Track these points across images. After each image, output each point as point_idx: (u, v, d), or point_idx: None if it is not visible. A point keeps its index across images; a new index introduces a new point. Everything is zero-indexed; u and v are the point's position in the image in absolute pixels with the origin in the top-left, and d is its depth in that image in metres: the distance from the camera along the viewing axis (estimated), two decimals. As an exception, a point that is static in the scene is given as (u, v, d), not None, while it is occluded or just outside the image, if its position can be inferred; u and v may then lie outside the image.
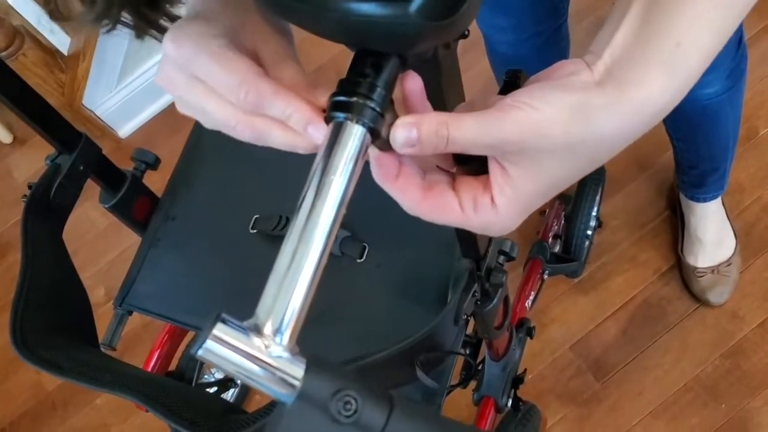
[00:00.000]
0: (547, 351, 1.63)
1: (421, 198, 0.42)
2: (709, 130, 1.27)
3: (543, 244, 1.43)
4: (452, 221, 0.43)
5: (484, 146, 0.39)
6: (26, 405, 1.82)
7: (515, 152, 0.40)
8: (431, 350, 0.72)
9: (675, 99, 0.39)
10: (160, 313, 0.96)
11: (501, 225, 0.43)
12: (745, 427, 1.49)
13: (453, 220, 0.43)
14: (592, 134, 0.39)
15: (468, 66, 1.68)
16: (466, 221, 0.43)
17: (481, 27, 1.19)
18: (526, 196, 0.41)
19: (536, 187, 0.41)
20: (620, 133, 0.39)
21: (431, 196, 0.42)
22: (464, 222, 0.43)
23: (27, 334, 0.70)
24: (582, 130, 0.38)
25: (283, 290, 0.33)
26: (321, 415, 0.31)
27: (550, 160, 0.40)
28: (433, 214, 0.42)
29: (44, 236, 0.80)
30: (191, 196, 1.02)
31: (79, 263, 0.83)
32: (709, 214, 1.54)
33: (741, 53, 1.10)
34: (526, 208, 0.42)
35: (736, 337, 1.56)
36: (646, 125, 0.40)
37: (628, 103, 0.38)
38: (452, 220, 0.43)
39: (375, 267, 0.90)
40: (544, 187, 0.41)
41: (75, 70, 1.77)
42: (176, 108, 0.46)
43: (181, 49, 0.42)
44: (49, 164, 0.87)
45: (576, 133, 0.38)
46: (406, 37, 0.35)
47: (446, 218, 0.43)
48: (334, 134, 0.37)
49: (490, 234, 0.44)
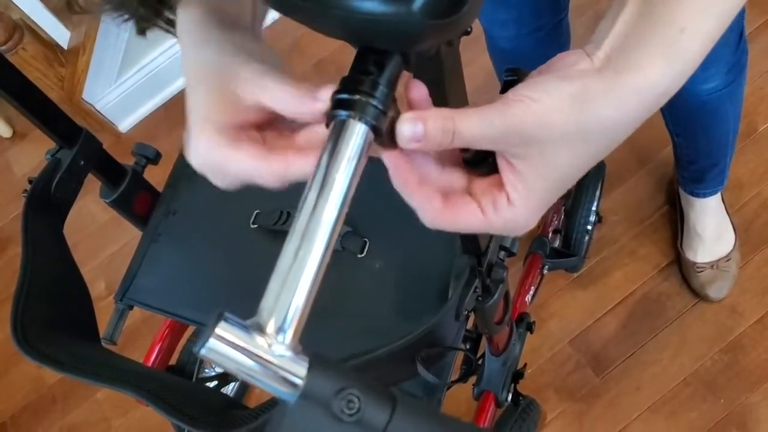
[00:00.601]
0: (546, 346, 1.63)
1: (441, 207, 0.42)
2: (709, 125, 1.27)
3: (543, 239, 1.43)
4: (475, 227, 0.43)
5: (489, 140, 0.39)
6: (27, 399, 1.82)
7: (520, 145, 0.40)
8: (432, 346, 0.72)
9: (675, 84, 0.39)
10: (160, 308, 0.96)
11: (521, 222, 0.43)
12: (743, 422, 1.50)
13: (476, 225, 0.43)
14: (593, 121, 0.39)
15: (468, 61, 1.68)
16: (488, 225, 0.42)
17: (483, 22, 1.18)
18: (539, 191, 0.41)
19: (546, 181, 0.41)
20: (621, 119, 0.39)
21: (451, 204, 0.42)
22: (487, 225, 0.42)
23: (28, 329, 0.70)
24: (582, 117, 0.39)
25: (285, 289, 0.33)
26: (324, 414, 0.31)
27: (556, 150, 0.40)
28: (456, 222, 0.42)
29: (45, 231, 0.80)
30: (192, 190, 1.02)
31: (80, 257, 0.84)
32: (708, 209, 1.54)
33: (742, 48, 1.10)
34: (542, 203, 0.42)
35: (735, 332, 1.57)
36: (646, 110, 0.40)
37: (627, 87, 0.38)
38: (475, 225, 0.43)
39: (376, 262, 0.91)
40: (555, 180, 0.41)
41: (75, 64, 1.76)
42: (179, 105, 0.47)
43: (204, 168, 0.46)
44: (50, 159, 0.87)
45: (576, 121, 0.39)
46: (409, 35, 0.35)
47: (469, 224, 0.43)
48: (336, 132, 0.37)
49: (513, 234, 0.44)
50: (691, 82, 0.40)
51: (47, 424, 1.79)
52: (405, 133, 0.39)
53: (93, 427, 1.76)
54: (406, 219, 0.46)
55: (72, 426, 1.78)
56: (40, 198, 0.82)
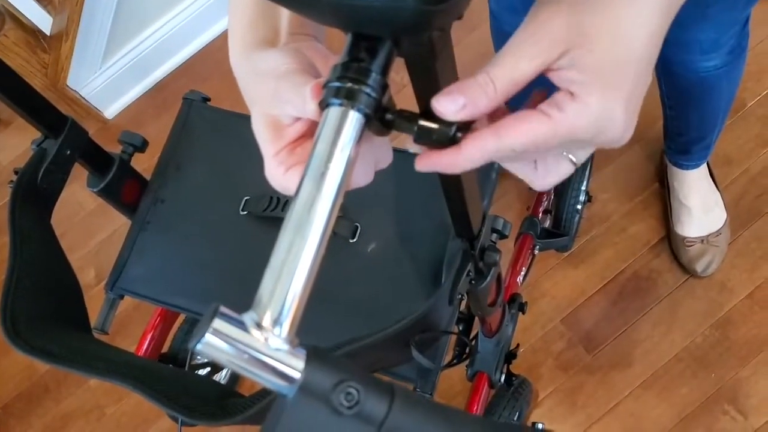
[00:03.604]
0: (538, 325, 1.64)
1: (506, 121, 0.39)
2: (703, 100, 1.27)
3: (533, 219, 1.43)
4: (542, 136, 0.38)
5: (530, 66, 0.39)
6: (20, 387, 1.82)
7: (560, 42, 0.38)
8: (426, 330, 0.72)
9: None
10: (151, 296, 0.96)
11: (600, 117, 0.38)
12: (734, 397, 1.51)
13: (543, 134, 0.38)
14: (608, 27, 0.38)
15: (455, 41, 1.67)
16: (556, 129, 0.38)
17: (492, 5, 1.18)
18: (608, 69, 0.38)
19: (609, 53, 0.38)
20: None
21: (510, 119, 0.39)
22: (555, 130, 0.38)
23: (17, 321, 0.69)
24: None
25: (281, 282, 0.32)
26: (322, 407, 0.30)
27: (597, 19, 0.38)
28: (519, 133, 0.38)
29: (32, 222, 0.79)
30: (180, 178, 1.01)
31: (69, 245, 0.83)
32: (691, 180, 1.56)
33: (745, 32, 1.11)
34: (618, 84, 0.38)
35: (725, 308, 1.58)
36: None
37: None
38: (542, 134, 0.38)
39: (368, 247, 0.90)
40: (619, 51, 0.38)
41: (58, 51, 1.74)
42: (165, 90, 0.46)
43: None
44: (35, 149, 0.86)
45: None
46: (402, 22, 0.35)
47: (536, 134, 0.38)
48: (330, 120, 0.36)
49: (608, 142, 0.40)
50: (691, 60, 0.40)
51: (41, 412, 1.79)
52: (449, 108, 0.38)
53: (86, 415, 1.76)
54: (398, 203, 0.45)
55: (65, 414, 1.77)
56: (27, 189, 0.81)
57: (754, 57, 1.73)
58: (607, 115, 0.38)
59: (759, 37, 1.75)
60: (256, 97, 0.45)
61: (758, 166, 1.66)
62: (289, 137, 0.44)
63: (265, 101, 0.44)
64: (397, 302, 0.86)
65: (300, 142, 0.44)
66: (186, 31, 1.97)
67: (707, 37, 1.02)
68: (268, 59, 0.45)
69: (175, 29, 1.95)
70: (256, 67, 0.45)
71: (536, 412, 1.58)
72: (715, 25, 0.99)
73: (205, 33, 2.02)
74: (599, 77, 0.38)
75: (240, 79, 0.47)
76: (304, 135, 0.44)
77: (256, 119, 0.45)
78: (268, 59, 0.45)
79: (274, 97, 0.43)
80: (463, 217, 0.66)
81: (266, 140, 0.44)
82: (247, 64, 0.46)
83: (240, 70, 0.47)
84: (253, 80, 0.45)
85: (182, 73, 2.03)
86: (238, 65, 0.47)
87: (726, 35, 1.05)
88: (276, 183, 0.45)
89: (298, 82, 0.42)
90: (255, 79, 0.45)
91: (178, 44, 2.00)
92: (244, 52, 0.47)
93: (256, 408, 0.60)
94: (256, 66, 0.45)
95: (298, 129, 0.44)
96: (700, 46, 1.04)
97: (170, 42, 1.97)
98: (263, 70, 0.44)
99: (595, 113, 0.38)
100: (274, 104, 0.44)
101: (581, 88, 0.38)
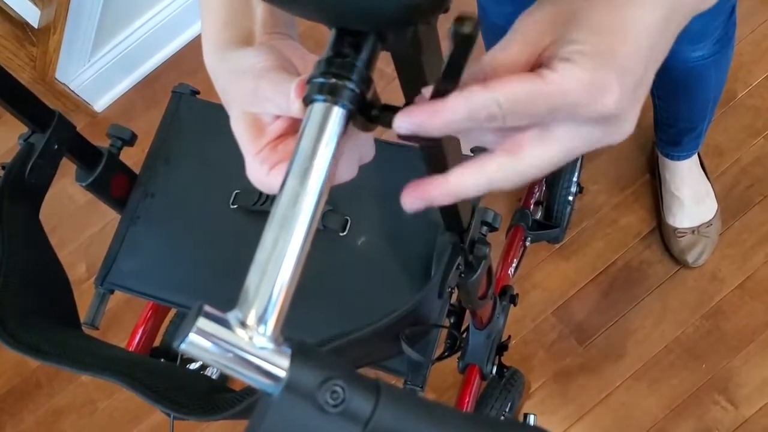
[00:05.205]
0: (530, 317, 1.64)
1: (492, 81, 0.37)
2: (691, 91, 1.27)
3: (525, 211, 1.43)
4: (531, 91, 0.37)
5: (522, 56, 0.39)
6: (11, 383, 1.81)
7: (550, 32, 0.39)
8: (416, 324, 0.72)
9: None
10: (142, 291, 0.95)
11: (593, 83, 0.36)
12: (725, 387, 1.52)
13: (532, 89, 0.36)
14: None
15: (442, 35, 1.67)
16: (546, 90, 0.36)
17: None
18: (604, 31, 0.37)
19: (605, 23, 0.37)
20: None
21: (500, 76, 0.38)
22: (545, 91, 0.36)
23: (7, 318, 0.69)
24: None
25: (265, 280, 0.32)
26: (307, 406, 0.30)
27: None
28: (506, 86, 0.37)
29: (20, 218, 0.79)
30: (170, 172, 1.00)
31: (59, 240, 0.83)
32: (682, 171, 1.56)
33: (732, 20, 1.11)
34: (611, 49, 0.37)
35: (716, 298, 1.59)
36: None
37: None
38: (532, 89, 0.36)
39: (358, 241, 0.90)
40: (617, 24, 0.37)
41: (46, 43, 1.72)
42: (155, 83, 0.46)
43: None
44: (23, 144, 0.85)
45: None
46: (387, 16, 0.34)
47: (525, 88, 0.37)
48: (314, 117, 0.36)
49: (598, 108, 0.37)
50: (679, 50, 0.40)
51: (33, 408, 1.78)
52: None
53: (79, 410, 1.76)
54: (388, 196, 0.45)
55: (58, 409, 1.77)
56: (14, 184, 0.81)
57: (745, 47, 1.73)
58: (599, 81, 0.36)
59: (749, 28, 1.75)
60: (235, 96, 0.45)
61: (749, 157, 1.67)
62: (271, 135, 0.44)
63: (245, 100, 0.44)
64: (387, 295, 0.86)
65: (281, 140, 0.44)
66: (175, 23, 1.96)
67: (694, 27, 1.02)
68: (245, 58, 0.44)
69: (164, 21, 1.94)
70: (233, 66, 0.45)
71: (528, 403, 1.58)
72: (701, 15, 0.99)
73: (195, 25, 2.00)
74: (592, 45, 0.37)
75: (216, 79, 0.47)
76: (285, 132, 0.44)
77: (235, 119, 0.45)
78: (245, 58, 0.44)
79: (254, 95, 0.43)
80: (452, 211, 0.65)
81: (247, 139, 0.44)
82: (224, 64, 0.46)
83: (216, 70, 0.47)
84: (230, 79, 0.45)
85: (172, 65, 2.02)
86: (213, 65, 0.47)
87: (712, 25, 1.05)
88: (259, 182, 0.44)
89: (278, 80, 0.41)
90: (233, 78, 0.45)
91: (167, 36, 1.99)
92: (218, 51, 0.47)
93: (244, 404, 0.60)
94: (233, 65, 0.45)
95: (279, 126, 0.44)
96: (687, 36, 1.04)
97: (160, 34, 1.96)
98: (241, 69, 0.44)
99: (587, 77, 0.36)
100: (254, 102, 0.43)
101: (573, 54, 0.37)
